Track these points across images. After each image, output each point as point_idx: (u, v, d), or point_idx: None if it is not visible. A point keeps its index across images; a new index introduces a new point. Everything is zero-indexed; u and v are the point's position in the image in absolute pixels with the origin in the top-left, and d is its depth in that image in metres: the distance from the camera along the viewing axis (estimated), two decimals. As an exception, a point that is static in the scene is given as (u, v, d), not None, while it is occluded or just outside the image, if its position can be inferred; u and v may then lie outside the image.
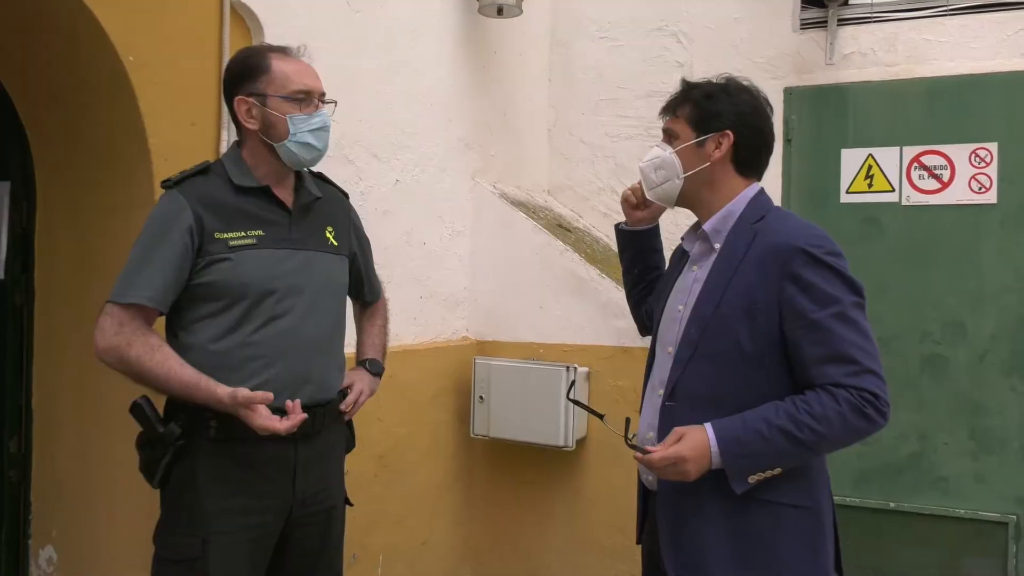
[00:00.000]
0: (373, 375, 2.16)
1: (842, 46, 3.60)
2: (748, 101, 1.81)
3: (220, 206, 1.85)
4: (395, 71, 3.08)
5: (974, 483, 3.37)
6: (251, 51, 1.96)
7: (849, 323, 1.62)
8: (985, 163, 3.38)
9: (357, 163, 2.90)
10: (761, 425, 1.60)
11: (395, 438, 3.05)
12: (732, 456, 1.61)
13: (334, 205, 2.09)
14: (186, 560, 1.79)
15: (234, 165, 1.92)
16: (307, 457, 1.92)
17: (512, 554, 3.47)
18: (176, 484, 1.84)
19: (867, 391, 1.58)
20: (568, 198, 4.11)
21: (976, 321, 3.37)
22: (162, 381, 1.76)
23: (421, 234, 3.25)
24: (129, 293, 1.78)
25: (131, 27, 2.16)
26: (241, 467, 1.83)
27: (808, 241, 1.66)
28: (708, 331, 1.70)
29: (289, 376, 1.86)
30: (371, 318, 2.29)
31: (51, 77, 2.33)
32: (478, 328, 3.55)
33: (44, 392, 2.51)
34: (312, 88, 1.91)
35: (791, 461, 1.63)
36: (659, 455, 1.64)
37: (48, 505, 2.50)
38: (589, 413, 1.89)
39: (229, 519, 1.81)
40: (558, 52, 4.13)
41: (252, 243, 1.85)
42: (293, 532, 1.93)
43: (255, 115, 1.89)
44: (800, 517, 1.68)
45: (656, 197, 1.89)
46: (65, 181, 2.45)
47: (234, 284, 1.82)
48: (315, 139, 1.90)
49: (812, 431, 1.58)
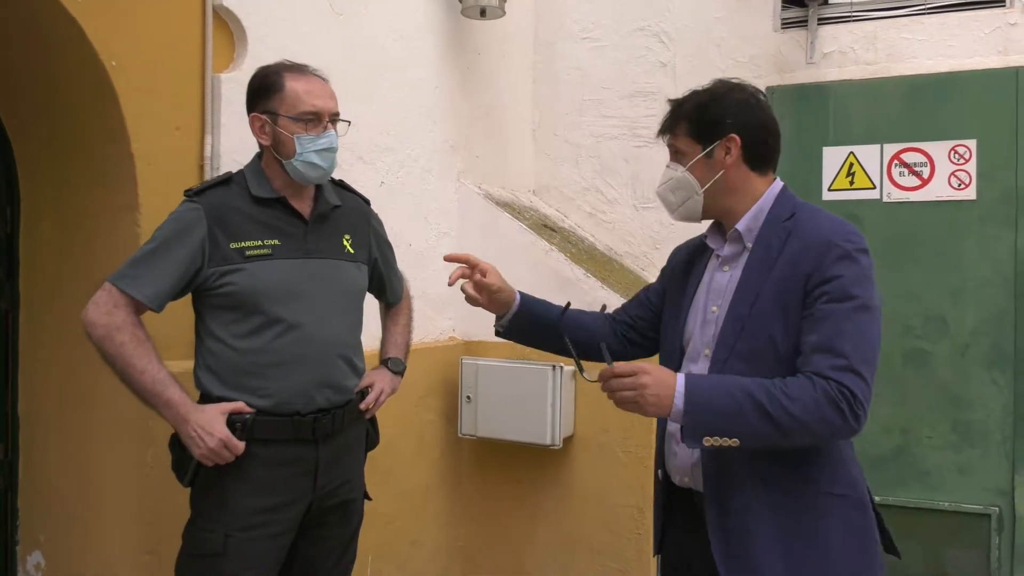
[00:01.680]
0: (394, 373, 2.26)
1: (822, 45, 3.64)
2: (741, 99, 1.78)
3: (238, 216, 1.94)
4: (379, 73, 3.09)
5: (957, 475, 3.41)
6: (269, 69, 2.02)
7: (854, 321, 1.58)
8: (964, 160, 3.43)
9: (342, 166, 2.88)
10: (734, 388, 1.57)
11: (384, 439, 3.04)
12: (694, 407, 1.55)
13: (354, 212, 2.16)
14: (208, 555, 1.88)
15: (254, 176, 2.00)
16: (328, 456, 2.01)
17: (501, 552, 3.49)
18: (203, 482, 1.92)
19: (847, 388, 1.54)
20: (553, 198, 4.13)
21: (957, 315, 3.42)
22: (136, 372, 1.82)
23: (407, 235, 3.26)
24: (133, 284, 1.86)
25: (114, 32, 2.16)
26: (264, 467, 1.91)
27: (841, 236, 1.64)
28: (745, 330, 1.67)
29: (307, 381, 1.95)
30: (395, 317, 2.38)
31: (34, 83, 2.33)
32: (465, 328, 3.57)
33: (30, 398, 2.50)
34: (321, 109, 1.97)
35: (753, 436, 1.56)
36: (623, 365, 1.58)
37: (36, 511, 2.49)
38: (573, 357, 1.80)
39: (251, 517, 1.89)
40: (541, 53, 4.15)
41: (268, 253, 1.93)
42: (314, 526, 2.03)
43: (267, 132, 1.98)
44: (846, 507, 1.66)
45: (680, 217, 1.85)
46: (49, 186, 2.44)
47: (250, 293, 1.90)
48: (321, 159, 1.96)
49: (783, 409, 1.53)
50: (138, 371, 1.83)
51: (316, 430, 1.96)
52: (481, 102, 3.75)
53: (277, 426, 1.92)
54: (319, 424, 1.97)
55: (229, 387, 1.92)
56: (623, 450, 3.24)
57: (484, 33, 3.71)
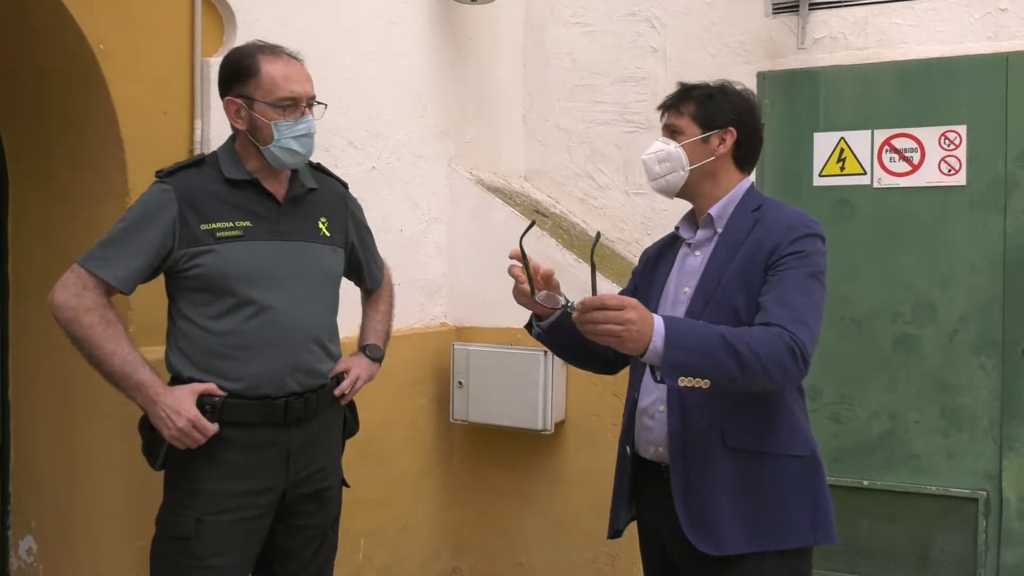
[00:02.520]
0: (372, 360, 2.22)
1: (813, 30, 3.64)
2: (746, 101, 1.96)
3: (209, 198, 1.90)
4: (369, 59, 3.08)
5: (945, 460, 3.44)
6: (242, 52, 1.97)
7: (810, 284, 1.77)
8: (955, 145, 3.44)
9: (332, 151, 2.90)
10: (707, 330, 1.66)
11: (375, 424, 3.06)
12: (673, 346, 1.60)
13: (331, 196, 2.12)
14: (180, 538, 1.86)
15: (227, 158, 1.97)
16: (300, 441, 1.98)
17: (492, 537, 3.51)
18: (174, 466, 1.90)
19: (800, 339, 1.68)
20: (544, 184, 4.13)
21: (946, 301, 3.44)
22: (105, 354, 1.81)
23: (398, 221, 3.26)
24: (102, 267, 1.83)
25: (101, 15, 2.15)
26: (235, 451, 1.89)
27: (801, 221, 1.85)
28: (711, 303, 1.82)
29: (278, 365, 1.92)
30: (374, 303, 2.34)
31: (21, 67, 2.32)
32: (456, 314, 3.57)
33: (20, 384, 2.50)
34: (299, 95, 1.93)
35: (724, 376, 1.63)
36: (611, 296, 1.60)
37: (27, 496, 2.50)
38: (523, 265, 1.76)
39: (223, 501, 1.87)
40: (532, 38, 4.14)
41: (239, 234, 1.90)
42: (289, 513, 2.00)
43: (243, 117, 1.93)
44: (802, 466, 1.82)
45: (658, 188, 1.99)
46: (37, 171, 2.43)
47: (221, 275, 1.87)
48: (299, 145, 1.93)
49: (749, 348, 1.63)
50: (107, 353, 1.81)
51: (288, 414, 1.94)
52: (472, 87, 3.74)
53: (248, 409, 1.89)
54: (291, 408, 1.94)
55: (199, 369, 1.89)
56: (614, 435, 3.23)
57: (475, 18, 3.69)
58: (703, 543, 1.77)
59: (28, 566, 2.48)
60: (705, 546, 1.77)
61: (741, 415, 1.80)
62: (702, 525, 1.78)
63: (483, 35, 3.79)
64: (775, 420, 1.82)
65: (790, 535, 1.80)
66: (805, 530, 1.81)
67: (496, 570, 3.51)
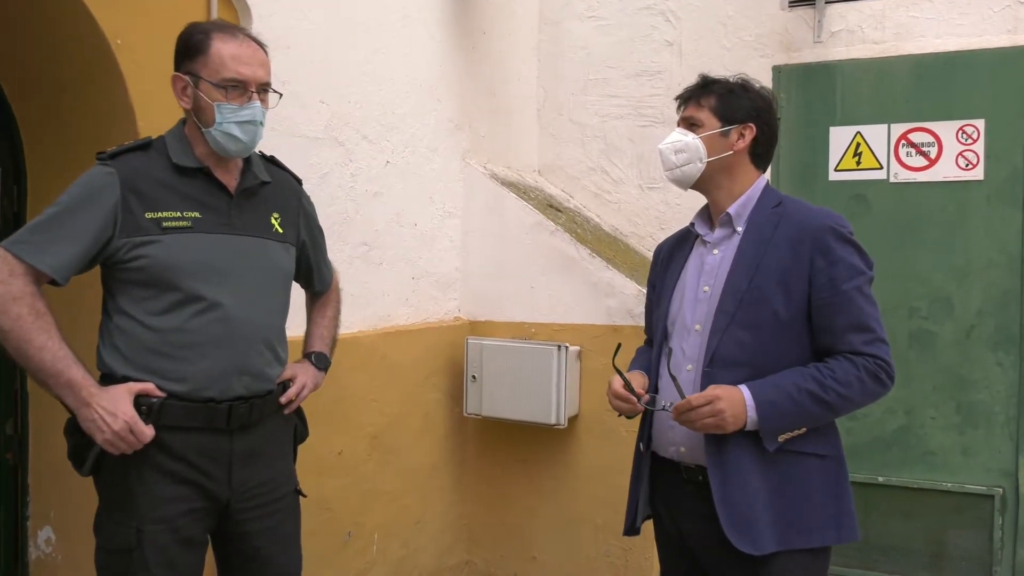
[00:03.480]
0: (318, 369, 2.08)
1: (830, 24, 3.61)
2: (764, 99, 1.98)
3: (155, 185, 1.77)
4: (383, 53, 3.08)
5: (961, 456, 3.42)
6: (196, 27, 1.85)
7: (866, 296, 1.82)
8: (972, 140, 3.41)
9: (347, 144, 2.91)
10: (792, 389, 1.77)
11: (388, 418, 3.08)
12: (767, 419, 1.76)
13: (284, 191, 2.00)
14: (123, 550, 1.75)
15: (176, 142, 1.84)
16: (244, 449, 1.85)
17: (505, 531, 3.52)
18: (108, 473, 1.78)
19: (881, 359, 1.79)
20: (558, 178, 4.12)
21: (963, 296, 3.41)
22: (34, 348, 1.65)
23: (412, 215, 3.26)
24: (32, 252, 1.68)
25: (118, 10, 2.17)
26: (172, 457, 1.76)
27: (835, 221, 1.86)
28: (744, 302, 1.84)
29: (225, 366, 1.80)
30: (321, 308, 2.20)
31: (39, 62, 2.34)
32: (470, 308, 3.58)
33: (38, 376, 2.52)
34: (246, 78, 1.79)
35: (816, 421, 1.81)
36: (697, 397, 1.77)
37: (45, 487, 2.53)
38: (622, 380, 1.90)
39: (162, 509, 1.75)
40: (546, 32, 4.13)
41: (187, 226, 1.77)
42: (237, 528, 1.87)
43: (188, 95, 1.81)
44: (827, 465, 1.85)
45: (673, 178, 2.00)
46: (55, 165, 2.45)
47: (166, 268, 1.75)
48: (241, 132, 1.80)
49: (837, 394, 1.76)
50: (36, 347, 1.64)
51: (231, 419, 1.80)
52: (486, 82, 3.74)
53: (188, 412, 1.75)
54: (235, 413, 1.80)
55: (136, 368, 1.74)
56: (627, 430, 3.25)
57: (489, 12, 3.69)
58: (742, 543, 1.78)
59: (47, 556, 2.51)
60: (745, 546, 1.78)
61: None
62: (740, 525, 1.79)
63: (497, 29, 3.79)
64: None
65: (816, 533, 1.82)
66: (830, 528, 1.83)
67: (509, 564, 3.51)
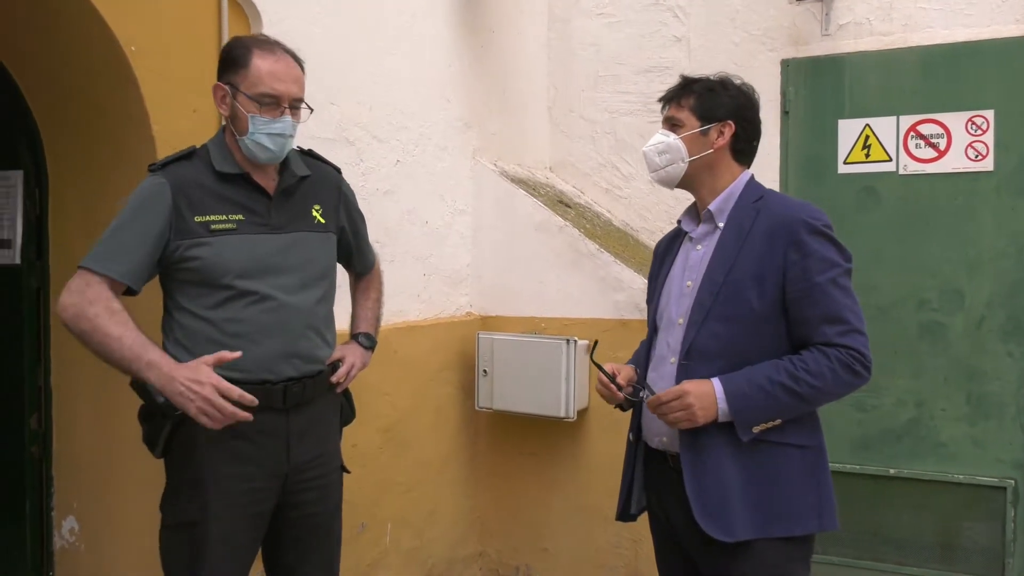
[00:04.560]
0: (365, 348, 2.24)
1: (838, 16, 3.61)
2: (745, 95, 2.01)
3: (202, 191, 1.93)
4: (392, 54, 3.14)
5: (972, 448, 3.41)
6: (239, 42, 2.02)
7: (841, 288, 1.83)
8: (982, 130, 3.40)
9: (357, 144, 2.97)
10: (764, 382, 1.80)
11: (400, 411, 3.15)
12: (738, 410, 1.81)
13: (324, 182, 2.14)
14: (188, 524, 1.90)
15: (217, 150, 1.98)
16: (299, 426, 2.00)
17: (518, 523, 3.58)
18: (177, 454, 1.93)
19: (855, 350, 1.80)
20: (570, 174, 4.16)
21: (973, 288, 3.41)
22: (113, 340, 1.79)
23: (423, 213, 3.32)
24: (104, 264, 1.84)
25: (132, 18, 2.24)
26: (235, 437, 1.90)
27: (809, 215, 1.88)
28: (720, 296, 1.88)
29: (276, 350, 1.95)
30: (365, 291, 2.35)
31: (59, 70, 2.42)
32: (482, 304, 3.63)
33: (61, 371, 2.62)
34: (280, 94, 1.93)
35: (790, 413, 1.83)
36: (667, 392, 1.84)
37: (69, 479, 2.62)
38: (603, 374, 2.01)
39: (226, 485, 1.90)
40: (556, 29, 4.17)
41: (232, 227, 1.93)
42: (291, 499, 2.02)
43: (227, 104, 1.96)
44: (806, 455, 1.89)
45: (659, 179, 2.06)
46: (75, 169, 2.54)
47: (216, 268, 1.89)
48: (270, 142, 1.94)
49: (809, 386, 1.79)
50: (115, 338, 1.79)
51: (287, 399, 1.96)
52: (496, 80, 3.79)
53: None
54: (289, 393, 1.96)
55: (196, 357, 1.87)
56: (636, 422, 3.30)
57: (498, 11, 3.74)
58: (714, 529, 1.83)
59: (70, 545, 2.61)
60: (716, 532, 1.82)
61: None
62: (713, 513, 1.84)
63: (506, 28, 3.83)
64: None
65: (797, 522, 1.85)
66: (811, 517, 1.86)
67: (521, 555, 3.57)
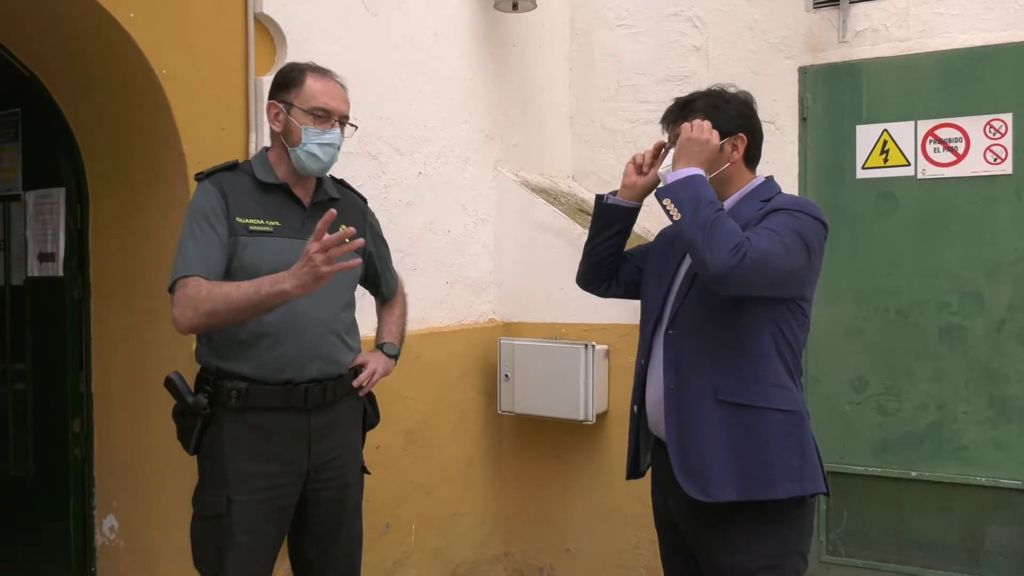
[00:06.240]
0: (388, 356, 2.37)
1: (855, 23, 3.65)
2: (746, 104, 2.06)
3: (244, 196, 2.10)
4: (414, 70, 3.25)
5: (994, 451, 3.41)
6: (294, 66, 2.20)
7: (784, 228, 1.86)
8: (1000, 134, 3.40)
9: (380, 158, 3.08)
10: (709, 195, 1.88)
11: (423, 415, 3.24)
12: (683, 184, 1.90)
13: (351, 208, 2.31)
14: (214, 516, 2.02)
15: (260, 164, 2.17)
16: (321, 426, 2.13)
17: (540, 524, 3.65)
18: (206, 450, 2.07)
19: (751, 244, 1.81)
20: (592, 183, 4.24)
21: (993, 291, 3.41)
22: (232, 293, 1.92)
23: (445, 222, 3.42)
24: (193, 267, 1.98)
25: (163, 43, 2.37)
26: (259, 435, 2.04)
27: (795, 202, 1.96)
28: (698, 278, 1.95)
29: (298, 352, 2.07)
30: (390, 308, 2.52)
31: (95, 92, 2.57)
32: (504, 310, 3.72)
33: (101, 377, 2.76)
34: (332, 109, 2.13)
35: (692, 218, 1.85)
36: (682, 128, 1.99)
37: (109, 479, 2.76)
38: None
39: (249, 481, 2.03)
40: (577, 41, 4.25)
41: (269, 231, 2.08)
42: (312, 496, 2.14)
43: (280, 119, 2.15)
44: (789, 420, 1.94)
45: None
46: (113, 185, 2.69)
47: (253, 267, 2.02)
48: (321, 152, 2.11)
49: (716, 222, 1.82)
50: (233, 289, 1.92)
51: (308, 399, 2.07)
52: (518, 92, 3.89)
53: (271, 394, 2.04)
54: (311, 393, 2.08)
55: (224, 358, 2.04)
56: (655, 425, 3.36)
57: (520, 25, 3.83)
58: (694, 489, 1.91)
59: (111, 542, 2.75)
60: (696, 492, 1.91)
61: (732, 372, 1.94)
62: (694, 473, 1.92)
63: (528, 42, 3.93)
64: (764, 377, 1.94)
65: (779, 485, 1.90)
66: (793, 480, 1.90)
67: (544, 556, 3.65)
